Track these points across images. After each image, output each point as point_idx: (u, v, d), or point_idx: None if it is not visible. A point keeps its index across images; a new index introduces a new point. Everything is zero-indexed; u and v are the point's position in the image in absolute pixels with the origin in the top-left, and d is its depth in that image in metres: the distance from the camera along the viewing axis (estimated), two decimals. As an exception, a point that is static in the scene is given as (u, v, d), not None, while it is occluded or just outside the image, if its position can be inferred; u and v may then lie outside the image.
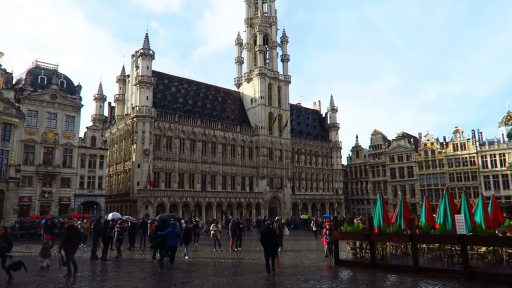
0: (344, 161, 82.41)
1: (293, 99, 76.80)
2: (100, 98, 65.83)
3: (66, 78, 47.75)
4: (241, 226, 22.47)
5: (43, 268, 13.28)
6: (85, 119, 72.31)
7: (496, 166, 61.88)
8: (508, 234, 13.36)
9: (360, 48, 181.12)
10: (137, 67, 55.99)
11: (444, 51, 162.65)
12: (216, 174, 58.44)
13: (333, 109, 79.58)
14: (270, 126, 66.03)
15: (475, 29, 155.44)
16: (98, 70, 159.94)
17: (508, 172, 59.63)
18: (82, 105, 45.42)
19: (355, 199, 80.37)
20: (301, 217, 51.40)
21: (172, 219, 20.99)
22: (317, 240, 26.22)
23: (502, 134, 61.39)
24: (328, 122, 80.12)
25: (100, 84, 66.31)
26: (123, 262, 15.97)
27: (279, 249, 13.67)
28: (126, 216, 23.27)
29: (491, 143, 63.63)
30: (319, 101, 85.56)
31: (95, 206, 45.53)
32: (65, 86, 46.16)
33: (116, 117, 63.01)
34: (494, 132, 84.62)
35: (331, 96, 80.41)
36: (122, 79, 64.53)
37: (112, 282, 11.57)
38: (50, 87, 42.90)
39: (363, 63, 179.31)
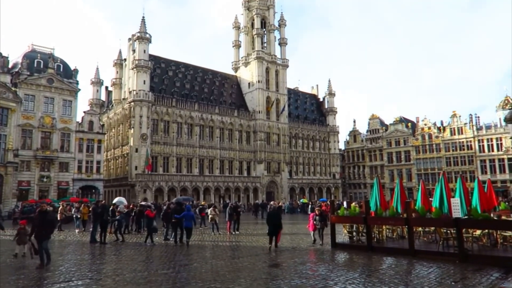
0: (342, 146, 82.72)
1: (290, 83, 76.58)
2: (97, 82, 65.36)
3: (62, 62, 47.30)
4: (238, 210, 22.62)
5: (16, 256, 12.19)
6: (82, 103, 72.55)
7: (492, 150, 62.22)
8: (503, 217, 13.53)
9: (359, 32, 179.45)
10: (134, 51, 55.46)
11: (443, 35, 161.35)
12: (213, 158, 58.56)
13: (331, 93, 79.33)
14: (267, 110, 65.87)
15: (474, 14, 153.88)
16: (94, 54, 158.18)
17: (505, 157, 59.98)
18: (79, 89, 45.19)
19: (352, 183, 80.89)
20: (301, 201, 51.88)
21: (188, 202, 22.97)
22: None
23: (500, 119, 61.43)
24: (326, 106, 79.98)
25: (97, 68, 65.90)
26: (122, 246, 16.13)
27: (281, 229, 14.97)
28: (144, 202, 23.63)
29: (488, 127, 63.80)
30: (317, 85, 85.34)
31: (93, 191, 45.73)
32: (61, 70, 45.80)
33: (113, 102, 62.72)
34: (492, 117, 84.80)
35: (329, 80, 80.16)
36: (119, 63, 63.98)
37: (111, 265, 11.69)
38: (47, 71, 42.54)
39: (361, 47, 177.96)
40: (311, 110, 79.40)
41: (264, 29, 70.34)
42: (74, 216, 22.63)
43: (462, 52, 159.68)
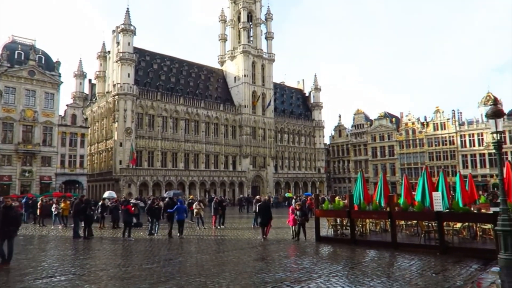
0: (327, 140, 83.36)
1: (277, 78, 76.60)
2: (80, 75, 64.17)
3: (44, 54, 46.21)
4: (223, 204, 22.61)
5: None
6: (65, 96, 71.15)
7: (474, 146, 63.65)
8: (482, 210, 13.87)
9: (345, 27, 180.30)
10: (118, 43, 54.55)
11: (429, 32, 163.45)
12: (199, 153, 58.31)
13: (317, 88, 79.68)
14: (253, 104, 65.80)
15: (458, 12, 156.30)
16: (77, 46, 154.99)
17: (485, 152, 61.40)
18: (62, 82, 44.25)
19: (337, 177, 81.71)
20: (286, 195, 52.21)
21: (179, 196, 25.23)
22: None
23: (481, 115, 62.76)
24: (312, 101, 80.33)
25: (80, 61, 64.62)
26: (106, 241, 15.98)
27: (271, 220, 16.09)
28: (134, 201, 23.53)
29: (470, 123, 65.19)
30: (303, 80, 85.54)
31: (77, 185, 45.05)
32: (43, 62, 44.75)
33: (97, 95, 61.73)
34: (474, 113, 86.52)
35: (315, 75, 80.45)
36: (103, 56, 62.92)
37: (95, 260, 11.56)
38: (28, 63, 41.55)
39: (348, 43, 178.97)
40: (297, 105, 79.66)
41: (250, 23, 70.02)
42: (53, 211, 22.17)
43: (446, 49, 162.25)
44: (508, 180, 11.75)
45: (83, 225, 16.94)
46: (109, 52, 60.99)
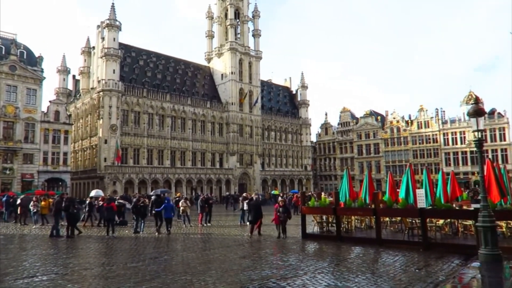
0: (313, 138, 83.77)
1: (264, 75, 76.53)
2: (64, 70, 62.97)
3: (26, 48, 45.21)
4: (210, 202, 22.54)
5: None
6: (48, 92, 69.57)
7: (456, 144, 64.91)
8: (464, 207, 14.16)
9: (332, 25, 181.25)
10: (103, 39, 53.68)
11: (414, 31, 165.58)
12: (185, 150, 57.96)
13: (303, 86, 79.98)
14: (240, 102, 65.67)
15: (442, 12, 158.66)
16: (61, 41, 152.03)
17: (467, 149, 62.68)
18: (44, 78, 43.40)
19: (323, 175, 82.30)
20: (272, 192, 52.36)
21: (165, 194, 25.22)
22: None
23: (463, 113, 64.00)
24: (298, 99, 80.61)
25: (64, 56, 63.42)
26: (90, 239, 15.76)
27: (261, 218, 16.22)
28: (122, 201, 23.28)
29: (452, 121, 66.43)
30: (290, 77, 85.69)
31: (60, 183, 44.31)
32: (25, 57, 43.80)
33: (81, 91, 60.72)
34: (456, 111, 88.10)
35: (302, 73, 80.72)
36: (87, 51, 61.89)
37: (78, 259, 11.39)
38: (9, 57, 40.58)
39: (334, 41, 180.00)
40: (284, 103, 79.83)
41: (237, 20, 69.76)
42: (31, 210, 21.69)
43: (431, 48, 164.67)
44: (489, 177, 12.01)
45: (65, 223, 16.68)
46: (93, 47, 60.03)
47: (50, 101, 45.10)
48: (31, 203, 21.74)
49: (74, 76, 65.87)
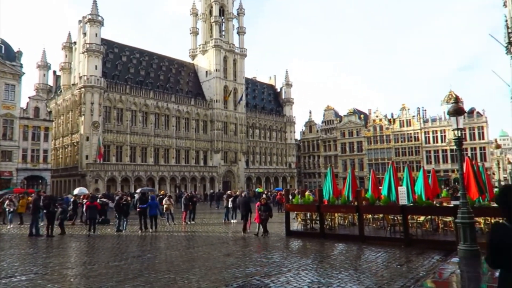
0: (298, 136, 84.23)
1: (248, 73, 76.45)
2: (44, 66, 61.53)
3: (4, 43, 43.98)
4: (194, 199, 22.41)
5: None
6: (27, 88, 67.86)
7: (437, 142, 66.29)
8: (444, 204, 14.47)
9: (317, 24, 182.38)
10: (85, 34, 52.69)
11: (399, 30, 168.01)
12: (169, 147, 57.47)
13: (288, 84, 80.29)
14: (225, 99, 65.48)
15: (424, 16, 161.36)
16: (41, 36, 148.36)
17: (447, 148, 64.08)
18: (23, 73, 42.35)
19: (308, 172, 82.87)
20: (257, 190, 52.34)
21: (148, 193, 25.21)
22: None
23: (444, 112, 65.40)
24: (283, 97, 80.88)
25: (44, 51, 61.89)
26: (71, 238, 15.47)
27: (250, 214, 16.46)
28: (105, 199, 22.87)
29: (433, 120, 67.79)
30: (275, 75, 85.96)
31: (40, 181, 43.36)
32: (3, 51, 42.63)
33: (62, 87, 59.44)
34: (437, 110, 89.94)
35: (286, 71, 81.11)
36: (68, 46, 60.63)
37: (58, 258, 11.16)
38: (-15, 52, 39.35)
39: (319, 40, 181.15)
40: (269, 100, 79.97)
41: (222, 17, 69.41)
42: (6, 209, 21.06)
43: (414, 48, 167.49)
44: (468, 175, 12.29)
45: (45, 222, 16.33)
46: (75, 43, 58.85)
47: (29, 97, 44.04)
48: (6, 202, 21.15)
49: (54, 72, 64.47)
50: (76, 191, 26.57)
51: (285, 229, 15.10)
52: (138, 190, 35.00)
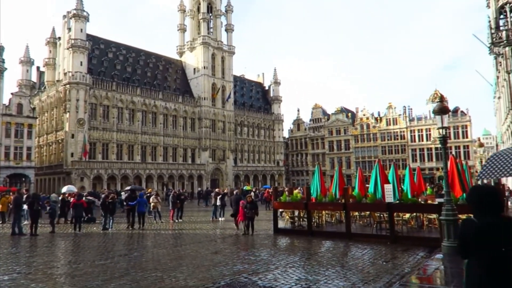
0: (286, 134, 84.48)
1: (237, 71, 76.37)
2: (27, 61, 60.34)
3: (-15, 37, 42.92)
4: (182, 197, 22.30)
5: None
6: (10, 84, 66.35)
7: (422, 140, 67.32)
8: (428, 201, 14.69)
9: (305, 22, 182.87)
10: (70, 29, 51.79)
11: (386, 29, 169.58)
12: (157, 145, 57.03)
13: (276, 82, 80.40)
14: (213, 97, 65.23)
15: (409, 15, 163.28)
16: (24, 31, 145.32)
17: (432, 146, 65.09)
18: (6, 69, 41.50)
19: (295, 170, 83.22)
20: (245, 188, 52.32)
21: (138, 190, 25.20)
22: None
23: (429, 111, 66.37)
24: (271, 95, 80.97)
25: (27, 47, 60.67)
26: (56, 237, 15.23)
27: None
28: (91, 197, 22.57)
29: (419, 119, 68.79)
30: (263, 73, 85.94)
31: (23, 179, 42.57)
32: (-16, 46, 41.56)
33: (46, 83, 58.36)
34: (423, 109, 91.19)
35: (275, 69, 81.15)
36: (53, 42, 59.49)
37: (42, 257, 10.97)
38: (-34, 46, 38.39)
39: (307, 38, 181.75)
40: (257, 98, 79.96)
41: (210, 14, 69.04)
42: None
43: (400, 48, 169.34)
44: (452, 173, 12.50)
45: (29, 221, 16.03)
46: (59, 38, 57.76)
47: (12, 93, 43.16)
48: None
49: (38, 68, 63.25)
50: (64, 189, 26.22)
51: (273, 227, 15.14)
52: (128, 188, 34.71)
